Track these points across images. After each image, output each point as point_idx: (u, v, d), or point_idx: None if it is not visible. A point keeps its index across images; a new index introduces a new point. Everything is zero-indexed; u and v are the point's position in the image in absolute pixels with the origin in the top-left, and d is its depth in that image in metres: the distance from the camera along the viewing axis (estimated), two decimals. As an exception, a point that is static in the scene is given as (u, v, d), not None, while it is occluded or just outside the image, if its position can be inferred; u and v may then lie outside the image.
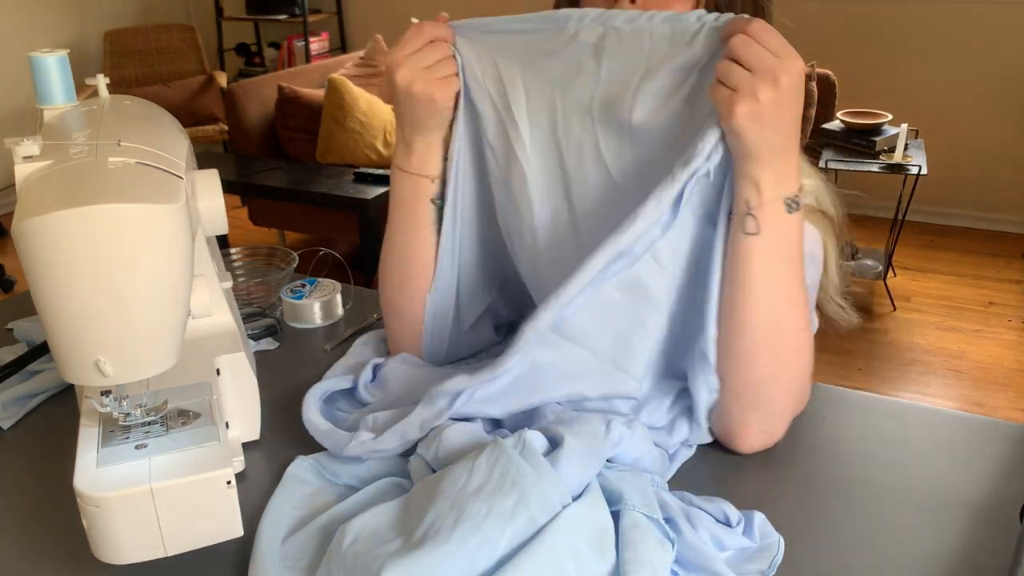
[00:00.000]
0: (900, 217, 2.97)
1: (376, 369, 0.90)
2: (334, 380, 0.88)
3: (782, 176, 0.71)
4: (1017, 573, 0.59)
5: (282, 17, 4.57)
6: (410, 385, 0.86)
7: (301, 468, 0.77)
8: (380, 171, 2.95)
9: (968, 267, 3.41)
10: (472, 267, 0.90)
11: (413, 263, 0.88)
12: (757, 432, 0.78)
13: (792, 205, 0.72)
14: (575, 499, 0.64)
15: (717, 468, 0.78)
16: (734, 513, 0.69)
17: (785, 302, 0.75)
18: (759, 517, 0.69)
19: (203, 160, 3.15)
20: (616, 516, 0.65)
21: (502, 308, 0.96)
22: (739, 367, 0.76)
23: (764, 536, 0.68)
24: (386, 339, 0.96)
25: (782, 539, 0.67)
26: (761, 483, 0.76)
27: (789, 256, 0.74)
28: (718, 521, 0.69)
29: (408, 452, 0.78)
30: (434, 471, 0.71)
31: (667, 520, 0.66)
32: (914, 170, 2.78)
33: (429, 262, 0.87)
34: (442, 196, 0.85)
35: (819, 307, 0.86)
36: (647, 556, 0.61)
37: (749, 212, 0.72)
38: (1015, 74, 3.47)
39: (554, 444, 0.69)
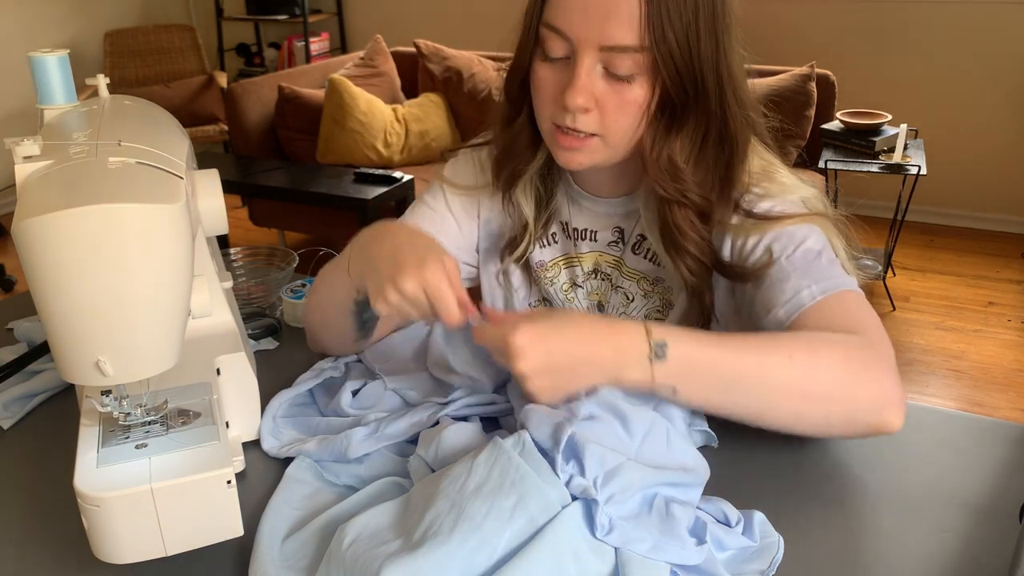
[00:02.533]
0: (899, 217, 2.97)
1: (354, 391, 0.89)
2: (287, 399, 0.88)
3: (624, 365, 0.71)
4: (1017, 573, 0.59)
5: (282, 17, 4.57)
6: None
7: (300, 469, 0.77)
8: (380, 171, 2.95)
9: (967, 267, 3.41)
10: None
11: (331, 330, 0.92)
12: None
13: (658, 354, 0.71)
14: (574, 499, 0.64)
15: (716, 468, 0.78)
16: (733, 513, 0.69)
17: (765, 392, 0.73)
18: (759, 516, 0.69)
19: (203, 160, 3.16)
20: None
21: None
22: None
23: (764, 536, 0.68)
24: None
25: (782, 539, 0.67)
26: (760, 483, 0.76)
27: (722, 374, 0.72)
28: (718, 521, 0.69)
29: (408, 452, 0.78)
30: (433, 471, 0.71)
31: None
32: (913, 170, 2.78)
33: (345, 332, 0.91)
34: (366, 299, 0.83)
35: None
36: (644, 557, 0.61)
37: (655, 389, 0.72)
38: (1015, 74, 3.47)
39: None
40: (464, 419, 0.80)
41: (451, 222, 1.02)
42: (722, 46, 0.80)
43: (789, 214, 0.85)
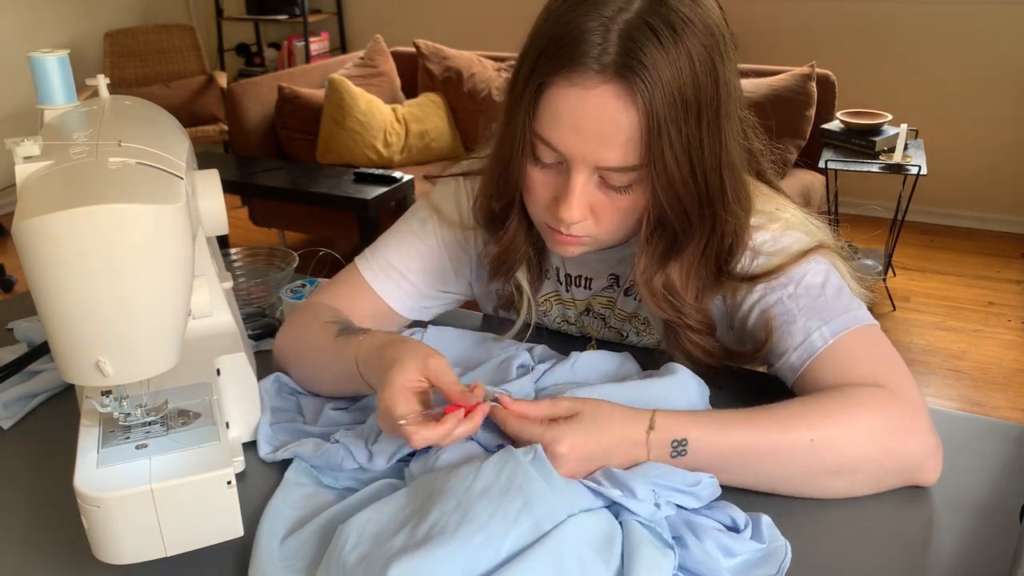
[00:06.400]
0: (900, 217, 2.97)
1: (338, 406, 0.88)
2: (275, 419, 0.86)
3: (651, 457, 0.71)
4: (1017, 573, 0.59)
5: (282, 17, 4.57)
6: None
7: (299, 472, 0.77)
8: (380, 171, 2.95)
9: (968, 267, 3.41)
10: None
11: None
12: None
13: (680, 452, 0.71)
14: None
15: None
16: (741, 516, 0.69)
17: (788, 476, 0.72)
18: (766, 520, 0.68)
19: (203, 160, 3.15)
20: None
21: None
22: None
23: (771, 540, 0.67)
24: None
25: (788, 543, 0.67)
26: (761, 483, 0.76)
27: (742, 463, 0.72)
28: (726, 527, 0.68)
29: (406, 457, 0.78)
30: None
31: (674, 538, 0.66)
32: (914, 170, 2.78)
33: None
34: None
35: None
36: (648, 564, 0.61)
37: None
38: (1015, 74, 3.47)
39: None
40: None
41: (440, 257, 0.96)
42: (726, 141, 0.75)
43: (778, 266, 0.81)
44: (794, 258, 0.81)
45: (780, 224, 0.84)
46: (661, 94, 0.69)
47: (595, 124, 0.71)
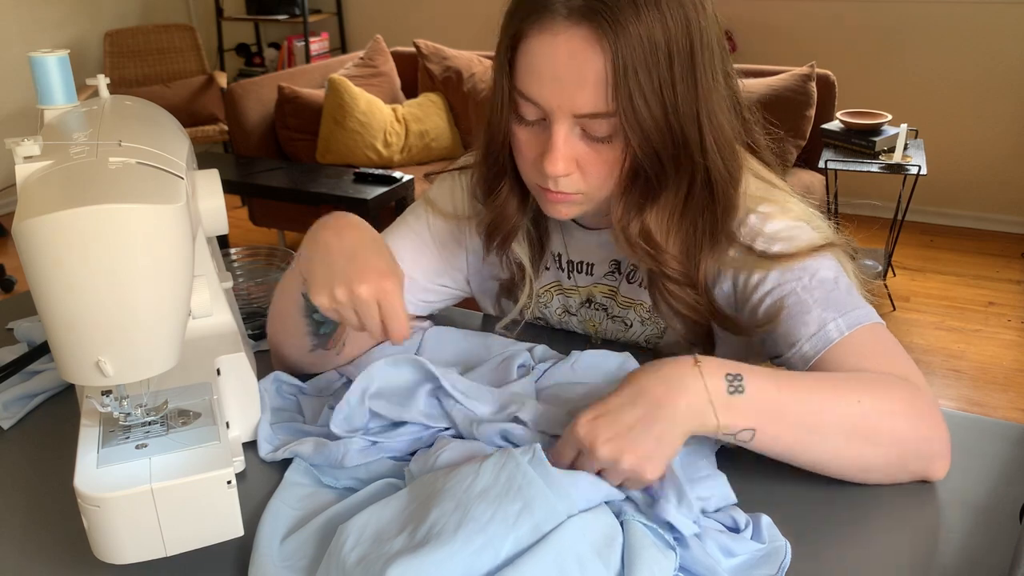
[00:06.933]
0: (900, 217, 2.97)
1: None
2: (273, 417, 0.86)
3: (698, 416, 0.68)
4: (1017, 573, 0.59)
5: (282, 17, 4.57)
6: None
7: (298, 472, 0.77)
8: (380, 171, 2.95)
9: (968, 267, 3.41)
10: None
11: (286, 333, 0.90)
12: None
13: (735, 387, 0.68)
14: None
15: (721, 471, 0.78)
16: (741, 516, 0.69)
17: (837, 435, 0.71)
18: (766, 520, 0.68)
19: (203, 160, 3.15)
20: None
21: None
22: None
23: (771, 540, 0.67)
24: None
25: (788, 543, 0.67)
26: (762, 485, 0.76)
27: (799, 414, 0.69)
28: (726, 527, 0.68)
29: (406, 458, 0.78)
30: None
31: (675, 538, 0.66)
32: (914, 170, 2.78)
33: (301, 339, 0.89)
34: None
35: None
36: (649, 564, 0.61)
37: (723, 436, 0.69)
38: (1015, 74, 3.47)
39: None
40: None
41: (432, 247, 0.98)
42: (703, 90, 0.75)
43: (794, 253, 0.81)
44: (808, 249, 0.82)
45: (792, 215, 0.85)
46: (627, 36, 0.70)
47: (566, 70, 0.73)
